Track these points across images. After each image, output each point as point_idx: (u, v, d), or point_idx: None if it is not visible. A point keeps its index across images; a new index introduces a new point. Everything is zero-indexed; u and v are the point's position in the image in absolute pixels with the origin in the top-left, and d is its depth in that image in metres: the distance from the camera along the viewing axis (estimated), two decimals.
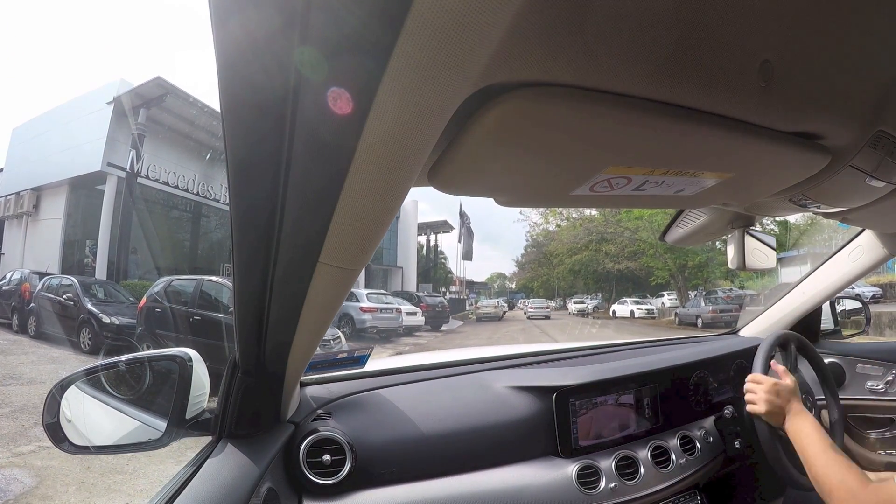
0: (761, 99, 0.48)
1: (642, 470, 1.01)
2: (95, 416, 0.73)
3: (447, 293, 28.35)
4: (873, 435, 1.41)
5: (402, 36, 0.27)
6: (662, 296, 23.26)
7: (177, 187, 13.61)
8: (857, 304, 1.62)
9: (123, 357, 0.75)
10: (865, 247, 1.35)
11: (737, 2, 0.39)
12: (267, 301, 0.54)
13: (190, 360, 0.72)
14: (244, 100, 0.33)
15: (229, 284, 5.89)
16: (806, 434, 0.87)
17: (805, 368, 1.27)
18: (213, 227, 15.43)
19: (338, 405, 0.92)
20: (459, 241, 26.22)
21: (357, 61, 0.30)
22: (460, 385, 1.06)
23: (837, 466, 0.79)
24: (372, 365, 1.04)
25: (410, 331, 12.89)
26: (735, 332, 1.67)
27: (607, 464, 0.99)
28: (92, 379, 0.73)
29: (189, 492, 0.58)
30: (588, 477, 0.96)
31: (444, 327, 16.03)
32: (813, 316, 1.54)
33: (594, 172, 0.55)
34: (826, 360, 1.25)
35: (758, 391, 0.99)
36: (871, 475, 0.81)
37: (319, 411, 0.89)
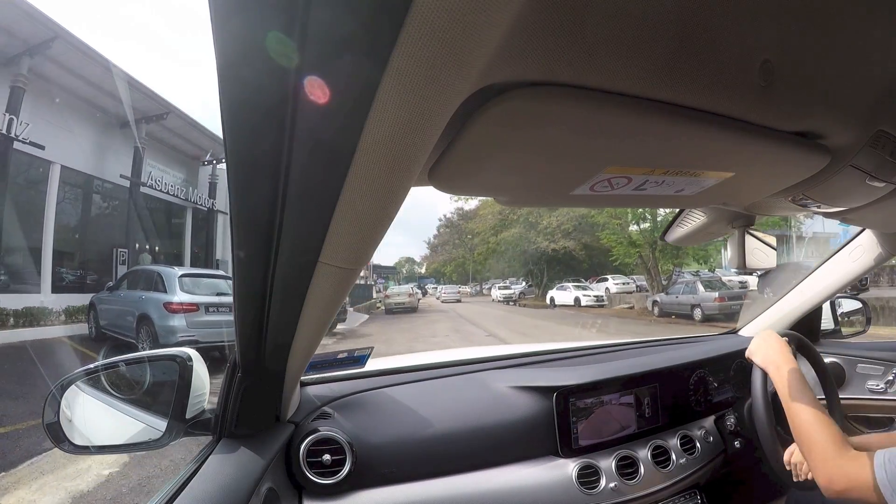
0: (761, 98, 0.48)
1: (642, 469, 1.01)
2: (96, 416, 0.73)
3: None
4: (873, 435, 1.40)
5: (402, 35, 0.27)
6: (606, 280, 19.24)
7: None
8: (858, 305, 1.62)
9: (123, 357, 0.75)
10: (865, 246, 1.35)
11: (737, 2, 0.39)
12: (267, 301, 0.54)
13: (190, 359, 0.72)
14: (244, 100, 0.33)
15: None
16: (791, 386, 0.88)
17: (805, 368, 1.27)
18: None
19: (338, 405, 0.92)
20: None
21: (357, 61, 0.30)
22: (460, 385, 1.06)
23: (819, 426, 0.80)
24: (372, 365, 1.05)
25: None
26: (735, 332, 1.67)
27: (607, 463, 0.99)
28: (92, 379, 0.73)
29: (189, 491, 0.58)
30: (588, 476, 0.96)
31: (339, 327, 10.91)
32: (813, 316, 1.54)
33: (594, 172, 0.55)
34: (826, 360, 1.25)
35: (756, 337, 1.03)
36: (854, 439, 0.81)
37: (320, 411, 0.89)
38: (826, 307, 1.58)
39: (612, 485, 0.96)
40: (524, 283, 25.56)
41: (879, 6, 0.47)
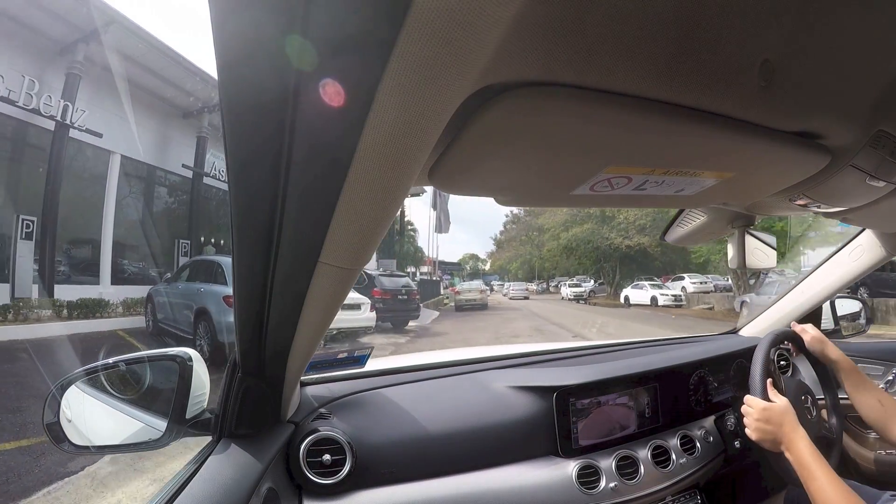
0: (761, 98, 0.48)
1: (642, 469, 1.01)
2: (96, 416, 0.73)
3: (416, 275, 21.76)
4: (873, 435, 1.40)
5: (403, 35, 0.27)
6: (682, 279, 18.09)
7: None
8: (858, 305, 1.62)
9: (123, 357, 0.75)
10: (865, 246, 1.35)
11: (737, 1, 0.39)
12: (267, 301, 0.54)
13: (190, 359, 0.72)
14: (244, 100, 0.33)
15: None
16: (806, 464, 0.84)
17: (805, 368, 1.27)
18: None
19: (338, 405, 0.92)
20: (434, 208, 19.98)
21: (357, 61, 0.30)
22: (460, 385, 1.06)
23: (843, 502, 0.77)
24: (372, 365, 1.05)
25: (351, 336, 7.73)
26: (735, 332, 1.67)
27: (607, 463, 0.99)
28: (92, 379, 0.73)
29: (189, 492, 0.58)
30: (588, 476, 0.96)
31: (411, 324, 10.21)
32: (813, 316, 1.54)
33: (594, 172, 0.55)
34: None
35: (750, 416, 0.97)
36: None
37: (320, 411, 0.89)
38: (826, 307, 1.58)
39: (612, 485, 0.96)
40: (593, 281, 24.57)
41: (879, 6, 0.47)
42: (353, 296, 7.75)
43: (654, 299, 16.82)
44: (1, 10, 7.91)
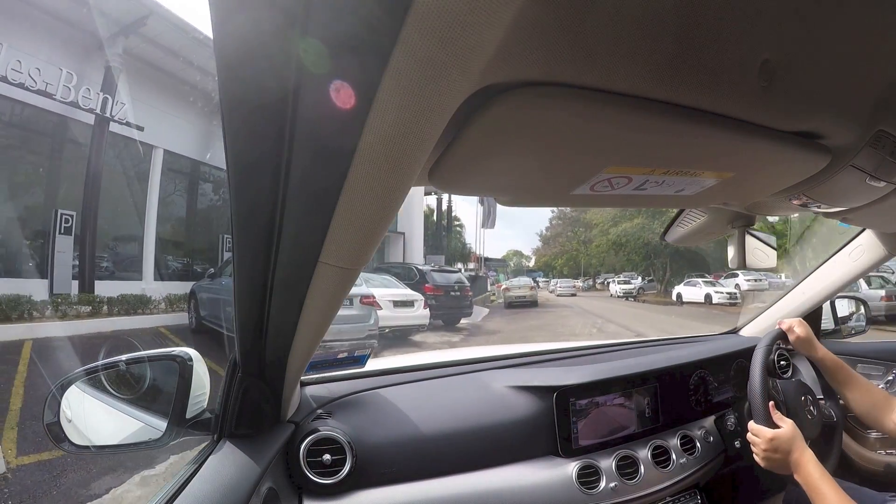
0: (762, 98, 0.48)
1: (642, 469, 1.01)
2: (96, 416, 0.73)
3: (463, 271, 20.55)
4: (873, 435, 1.41)
5: (403, 35, 0.27)
6: (736, 276, 16.94)
7: None
8: (858, 306, 1.62)
9: (123, 357, 0.75)
10: (866, 246, 1.35)
11: (737, 1, 0.39)
12: (267, 301, 0.54)
13: (190, 359, 0.72)
14: (244, 100, 0.33)
15: None
16: (815, 486, 0.85)
17: (805, 368, 1.27)
18: None
19: (338, 405, 0.92)
20: (481, 203, 19.68)
21: (357, 61, 0.30)
22: (460, 385, 1.06)
23: None
24: (372, 365, 1.05)
25: (404, 334, 7.29)
26: (735, 332, 1.67)
27: (607, 463, 0.99)
28: (92, 379, 0.73)
29: (189, 491, 0.58)
30: (588, 476, 0.96)
31: (463, 321, 9.79)
32: (813, 316, 1.54)
33: (595, 172, 0.55)
34: None
35: (757, 446, 0.97)
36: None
37: (319, 411, 0.89)
38: (826, 307, 1.58)
39: (612, 485, 0.96)
40: (641, 278, 23.63)
41: (880, 6, 0.47)
42: (405, 292, 7.49)
43: (708, 297, 15.99)
44: (37, 4, 7.72)
